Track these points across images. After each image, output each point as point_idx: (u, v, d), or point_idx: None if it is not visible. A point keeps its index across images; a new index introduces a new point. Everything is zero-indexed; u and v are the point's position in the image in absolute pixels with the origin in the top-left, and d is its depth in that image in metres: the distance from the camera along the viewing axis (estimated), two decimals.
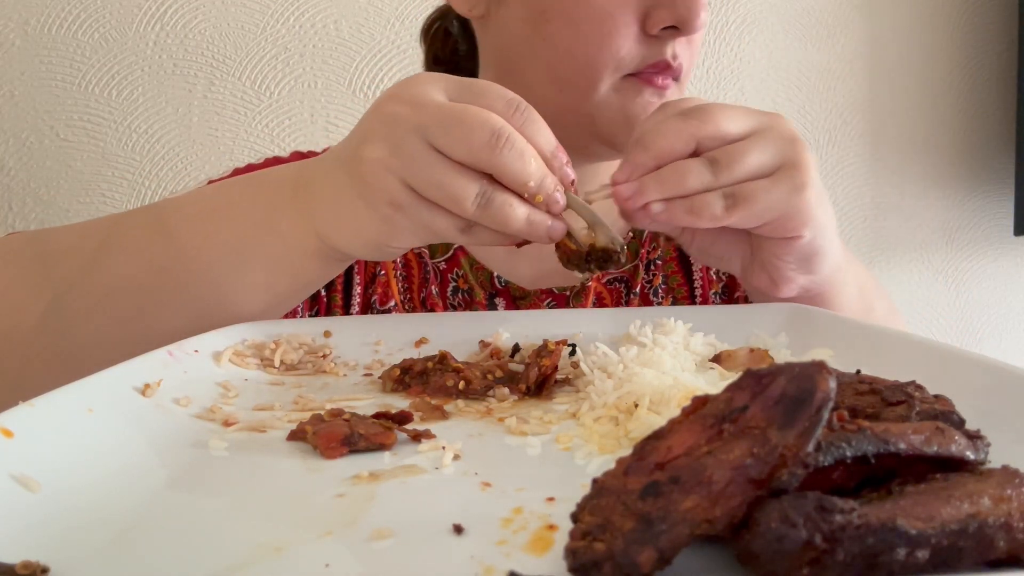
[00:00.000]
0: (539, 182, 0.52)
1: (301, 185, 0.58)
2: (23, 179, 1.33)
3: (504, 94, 0.53)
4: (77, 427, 0.39)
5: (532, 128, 0.52)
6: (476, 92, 0.53)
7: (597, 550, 0.25)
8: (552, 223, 0.53)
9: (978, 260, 1.67)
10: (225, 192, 0.62)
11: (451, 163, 0.51)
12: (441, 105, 0.52)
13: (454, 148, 0.50)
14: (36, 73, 1.32)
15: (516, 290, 0.84)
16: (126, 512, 0.33)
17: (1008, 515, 0.26)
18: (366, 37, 1.41)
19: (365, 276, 0.84)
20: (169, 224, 0.61)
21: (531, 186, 0.51)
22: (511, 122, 0.52)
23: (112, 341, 0.60)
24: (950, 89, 1.62)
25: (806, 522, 0.24)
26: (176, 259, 0.60)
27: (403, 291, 0.84)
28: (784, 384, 0.28)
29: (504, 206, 0.52)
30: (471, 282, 0.84)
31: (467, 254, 0.85)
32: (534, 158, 0.51)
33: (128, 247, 0.61)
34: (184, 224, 0.61)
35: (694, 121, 0.57)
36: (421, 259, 0.85)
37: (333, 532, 0.31)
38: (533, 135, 0.52)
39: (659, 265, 0.87)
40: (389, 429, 0.42)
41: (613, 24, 0.71)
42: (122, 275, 0.60)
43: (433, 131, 0.51)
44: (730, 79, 1.53)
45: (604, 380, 0.49)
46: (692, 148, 0.57)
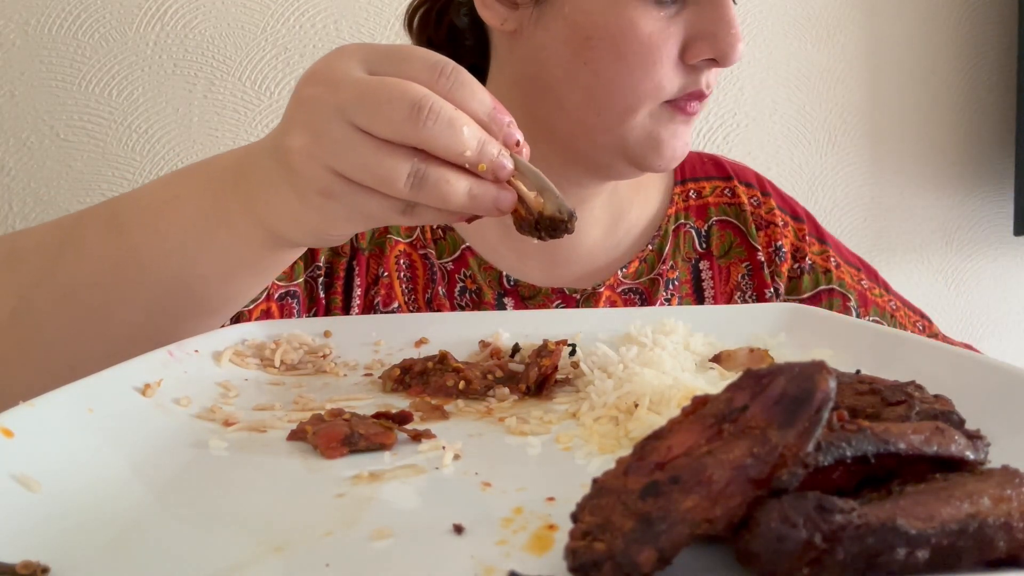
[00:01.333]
0: (478, 149, 0.47)
1: (241, 175, 0.56)
2: (23, 179, 1.33)
3: (428, 57, 0.48)
4: (77, 427, 0.39)
5: (462, 92, 0.48)
6: (396, 59, 0.49)
7: (597, 550, 0.25)
8: (498, 194, 0.49)
9: (978, 260, 1.67)
10: (174, 184, 0.60)
11: (377, 143, 0.47)
12: (358, 81, 0.48)
13: (376, 126, 0.47)
14: (36, 73, 1.32)
15: (525, 289, 0.83)
16: (126, 512, 0.33)
17: (1008, 515, 0.26)
18: (366, 37, 1.41)
19: (367, 279, 0.84)
20: (122, 219, 0.60)
21: (468, 155, 0.47)
22: (436, 88, 0.47)
23: (79, 337, 0.59)
24: (950, 89, 1.62)
25: (806, 522, 0.24)
26: (130, 255, 0.58)
27: (407, 292, 0.84)
28: (784, 384, 0.28)
29: (440, 182, 0.47)
30: (479, 282, 0.83)
31: (475, 254, 0.84)
32: (467, 124, 0.47)
33: (85, 244, 0.60)
34: (136, 218, 0.59)
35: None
36: (426, 260, 0.84)
37: (333, 532, 0.31)
38: (464, 99, 0.48)
39: (676, 286, 0.87)
40: (389, 429, 0.42)
41: (658, 55, 0.72)
42: (82, 272, 0.59)
43: (353, 111, 0.47)
44: (730, 79, 1.53)
45: (604, 380, 0.49)
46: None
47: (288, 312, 0.81)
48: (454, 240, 0.85)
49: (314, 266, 0.83)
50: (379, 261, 0.84)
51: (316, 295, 0.83)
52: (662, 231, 0.88)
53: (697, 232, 0.90)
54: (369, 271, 0.84)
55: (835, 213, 1.61)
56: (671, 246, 0.88)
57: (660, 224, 0.89)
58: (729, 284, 0.89)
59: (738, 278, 0.89)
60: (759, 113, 1.55)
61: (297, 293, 0.82)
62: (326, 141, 0.48)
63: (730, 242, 0.90)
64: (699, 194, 0.92)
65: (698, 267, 0.89)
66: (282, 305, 0.81)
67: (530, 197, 0.51)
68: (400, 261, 0.84)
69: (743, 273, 0.89)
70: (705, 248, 0.89)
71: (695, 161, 0.94)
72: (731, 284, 0.89)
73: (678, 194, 0.91)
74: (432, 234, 0.86)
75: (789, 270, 0.90)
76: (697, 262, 0.89)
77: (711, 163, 0.95)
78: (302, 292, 0.83)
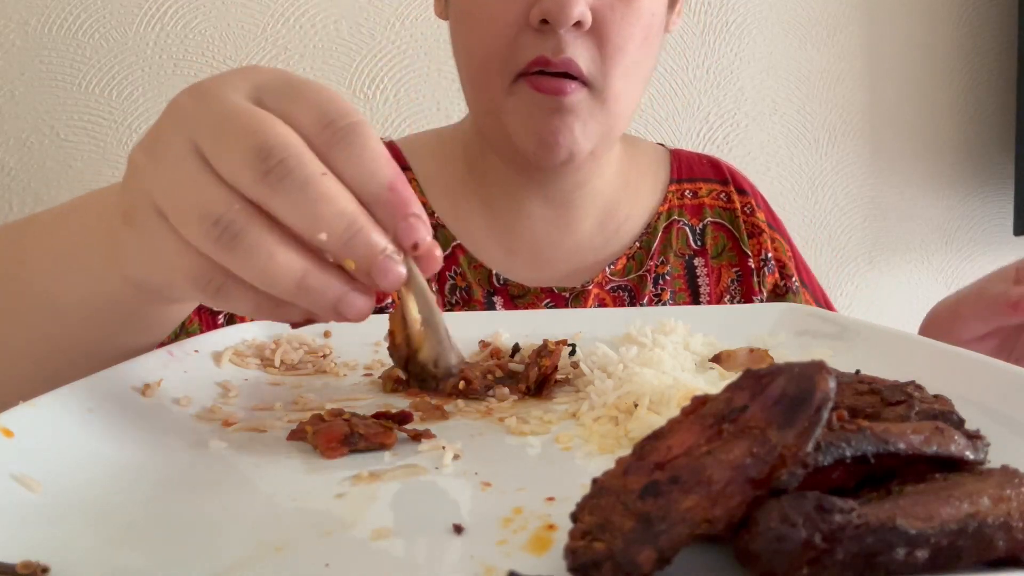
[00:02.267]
0: (343, 236, 0.35)
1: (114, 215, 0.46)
2: (23, 179, 1.33)
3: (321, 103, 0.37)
4: (77, 427, 0.39)
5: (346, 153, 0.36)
6: (287, 95, 0.38)
7: (597, 550, 0.25)
8: (347, 295, 0.37)
9: (978, 260, 1.67)
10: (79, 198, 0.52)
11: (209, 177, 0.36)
12: (227, 106, 0.37)
13: (217, 161, 0.36)
14: (36, 73, 1.32)
15: (515, 288, 0.84)
16: (126, 512, 0.33)
17: (1007, 515, 0.26)
18: (366, 37, 1.41)
19: None
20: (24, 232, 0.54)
21: (323, 239, 0.35)
22: (314, 141, 0.36)
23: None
24: (950, 89, 1.62)
25: (806, 522, 0.24)
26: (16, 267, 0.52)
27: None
28: (784, 384, 0.28)
29: (257, 249, 0.35)
30: (469, 280, 0.84)
31: (465, 251, 0.85)
32: (333, 198, 0.35)
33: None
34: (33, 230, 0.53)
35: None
36: None
37: (333, 532, 0.31)
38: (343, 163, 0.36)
39: (667, 280, 0.87)
40: (389, 429, 0.42)
41: (496, 14, 0.71)
42: None
43: (201, 133, 0.37)
44: (730, 79, 1.53)
45: (604, 380, 0.49)
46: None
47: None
48: (445, 236, 0.85)
49: None
50: None
51: None
52: (651, 228, 0.88)
53: (692, 229, 0.89)
54: None
55: (835, 213, 1.61)
56: (660, 242, 0.88)
57: (650, 221, 0.89)
58: (720, 286, 0.89)
59: (728, 282, 0.89)
60: (759, 113, 1.55)
61: None
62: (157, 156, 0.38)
63: (723, 245, 0.90)
64: (695, 194, 0.91)
65: (692, 263, 0.89)
66: None
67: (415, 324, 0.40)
68: None
69: (733, 278, 0.89)
70: (700, 245, 0.89)
71: (693, 161, 0.94)
72: (721, 286, 0.89)
73: (673, 192, 0.91)
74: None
75: (775, 284, 0.90)
76: (691, 258, 0.89)
77: (709, 165, 0.94)
78: None
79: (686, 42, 1.52)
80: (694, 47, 1.52)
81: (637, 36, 0.73)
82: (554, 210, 0.85)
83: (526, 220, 0.85)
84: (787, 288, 0.90)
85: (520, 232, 0.85)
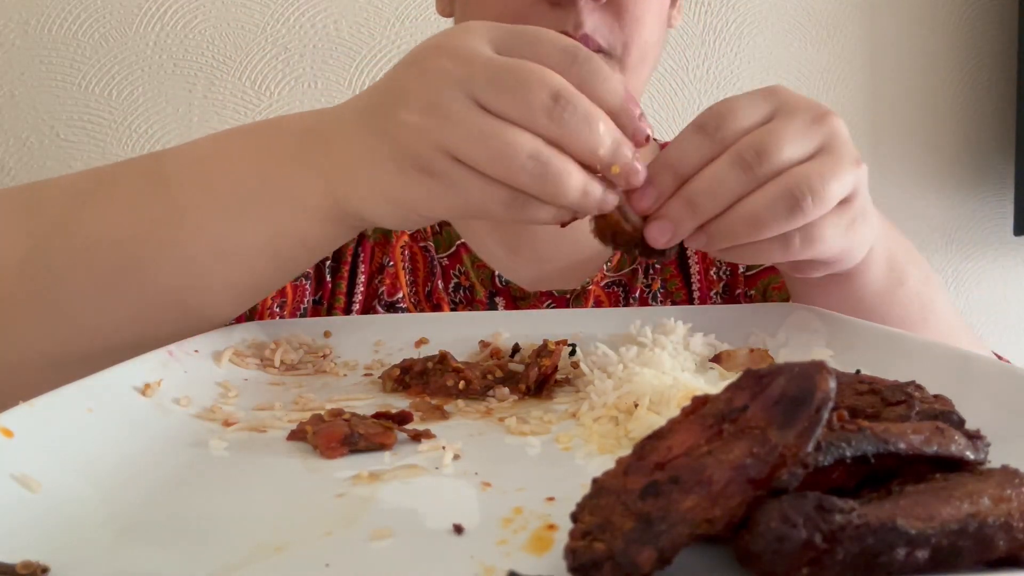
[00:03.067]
0: (612, 149, 0.45)
1: (315, 139, 0.52)
2: (23, 179, 1.33)
3: (559, 41, 0.46)
4: (77, 427, 0.39)
5: (595, 80, 0.45)
6: (527, 41, 0.46)
7: (597, 550, 0.25)
8: (606, 194, 0.46)
9: (978, 260, 1.67)
10: (227, 140, 0.56)
11: (500, 120, 0.44)
12: (490, 59, 0.45)
13: (508, 109, 0.44)
14: (36, 73, 1.32)
15: (516, 290, 0.84)
16: (126, 512, 0.33)
17: (1008, 515, 0.26)
18: (366, 37, 1.41)
19: (371, 266, 0.84)
20: (165, 172, 0.55)
21: (602, 154, 0.45)
22: (569, 76, 0.45)
23: (101, 297, 0.55)
24: (950, 89, 1.62)
25: (806, 522, 0.24)
26: (168, 212, 0.53)
27: (409, 284, 0.84)
28: (784, 384, 0.28)
29: (563, 173, 0.44)
30: (472, 279, 0.84)
31: (469, 251, 0.85)
32: (603, 121, 0.44)
33: (117, 196, 0.55)
34: (180, 173, 0.55)
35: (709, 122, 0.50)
36: (427, 253, 0.85)
37: (333, 532, 0.31)
38: (597, 89, 0.45)
39: (658, 269, 0.87)
40: (389, 429, 0.42)
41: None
42: (110, 225, 0.54)
43: (482, 89, 0.44)
44: (730, 79, 1.53)
45: (604, 380, 0.49)
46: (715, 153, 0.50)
47: (300, 292, 0.81)
48: (450, 235, 0.85)
49: None
50: (384, 250, 0.84)
51: (324, 278, 0.83)
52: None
53: None
54: (374, 259, 0.84)
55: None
56: None
57: None
58: (707, 259, 0.86)
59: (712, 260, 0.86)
60: None
61: (309, 273, 0.82)
62: (445, 115, 0.45)
63: None
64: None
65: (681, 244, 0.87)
66: (296, 285, 0.81)
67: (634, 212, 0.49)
68: (404, 252, 0.85)
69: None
70: None
71: None
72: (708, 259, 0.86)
73: None
74: (431, 227, 0.86)
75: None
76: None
77: None
78: (313, 273, 0.83)
79: (686, 42, 1.52)
80: (694, 47, 1.52)
81: (653, 7, 0.72)
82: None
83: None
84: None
85: (520, 229, 0.85)
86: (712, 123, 0.50)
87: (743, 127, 0.50)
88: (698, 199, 0.49)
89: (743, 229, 0.50)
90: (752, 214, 0.49)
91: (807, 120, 0.50)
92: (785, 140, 0.49)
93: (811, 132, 0.50)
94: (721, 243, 0.51)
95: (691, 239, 0.51)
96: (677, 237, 0.50)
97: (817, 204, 0.49)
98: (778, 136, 0.49)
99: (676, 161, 0.50)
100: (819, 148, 0.50)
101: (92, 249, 0.54)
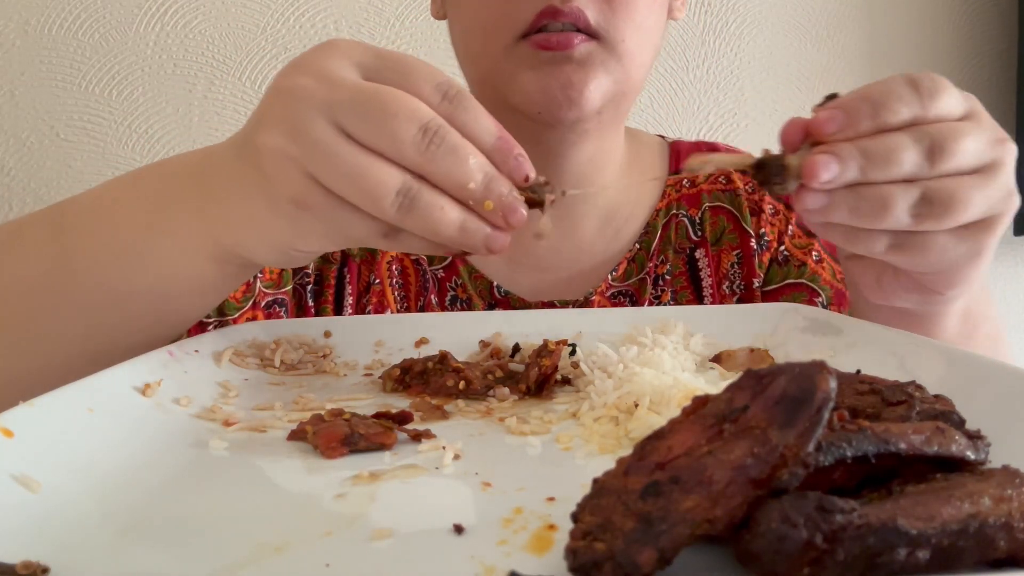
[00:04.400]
0: (484, 184, 0.44)
1: (198, 179, 0.51)
2: (23, 179, 1.33)
3: (432, 75, 0.45)
4: (77, 427, 0.39)
5: (466, 116, 0.44)
6: (399, 71, 0.45)
7: (597, 550, 0.25)
8: (492, 233, 0.45)
9: None
10: (120, 186, 0.56)
11: (365, 152, 0.43)
12: (356, 85, 0.43)
13: (372, 138, 0.43)
14: (36, 73, 1.32)
15: (516, 301, 0.82)
16: (126, 512, 0.33)
17: (1008, 515, 0.26)
18: (366, 37, 1.41)
19: (359, 286, 0.82)
20: (65, 221, 0.55)
21: (472, 188, 0.43)
22: (439, 110, 0.44)
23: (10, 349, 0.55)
24: None
25: (806, 522, 0.24)
26: (64, 260, 0.54)
27: (400, 300, 0.82)
28: (784, 384, 0.28)
29: (433, 208, 0.43)
30: (470, 291, 0.82)
31: (466, 263, 0.83)
32: (473, 155, 0.44)
33: (23, 245, 0.56)
34: (75, 221, 0.55)
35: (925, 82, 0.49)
36: (419, 266, 0.83)
37: (333, 532, 0.31)
38: (468, 125, 0.44)
39: (668, 280, 0.84)
40: (389, 429, 0.42)
41: None
42: (14, 275, 0.55)
43: (345, 114, 0.43)
44: (730, 79, 1.53)
45: (604, 380, 0.49)
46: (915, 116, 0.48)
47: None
48: None
49: (303, 273, 0.80)
50: (371, 268, 0.82)
51: (305, 303, 0.80)
52: (651, 226, 0.85)
53: (691, 220, 0.86)
54: (360, 278, 0.82)
55: None
56: (660, 240, 0.85)
57: (649, 219, 0.86)
58: (719, 272, 0.85)
59: (728, 266, 0.85)
60: (759, 113, 1.55)
61: (285, 301, 0.80)
62: (306, 140, 0.43)
63: (722, 228, 0.86)
64: (692, 183, 0.88)
65: (694, 256, 0.85)
66: (269, 313, 0.79)
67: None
68: (392, 268, 0.82)
69: (733, 261, 0.85)
70: (699, 236, 0.86)
71: (692, 149, 0.91)
72: (721, 272, 0.85)
73: (671, 186, 0.88)
74: None
75: (771, 259, 0.86)
76: (692, 251, 0.85)
77: (708, 150, 0.90)
78: (290, 300, 0.80)
79: (686, 42, 1.52)
80: (694, 47, 1.52)
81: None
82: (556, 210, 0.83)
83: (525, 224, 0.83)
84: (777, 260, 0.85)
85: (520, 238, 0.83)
86: (927, 85, 0.48)
87: (947, 111, 0.48)
88: (874, 156, 0.46)
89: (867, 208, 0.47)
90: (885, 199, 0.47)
91: (991, 138, 0.50)
92: (969, 145, 0.48)
93: (989, 149, 0.49)
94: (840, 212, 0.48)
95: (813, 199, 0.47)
96: (838, 180, 0.46)
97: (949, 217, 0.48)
98: (965, 137, 0.48)
99: (879, 100, 0.47)
100: (986, 166, 0.49)
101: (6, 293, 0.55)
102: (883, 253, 0.50)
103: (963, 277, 0.53)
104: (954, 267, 0.52)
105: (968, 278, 0.53)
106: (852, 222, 0.48)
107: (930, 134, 0.47)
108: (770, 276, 0.85)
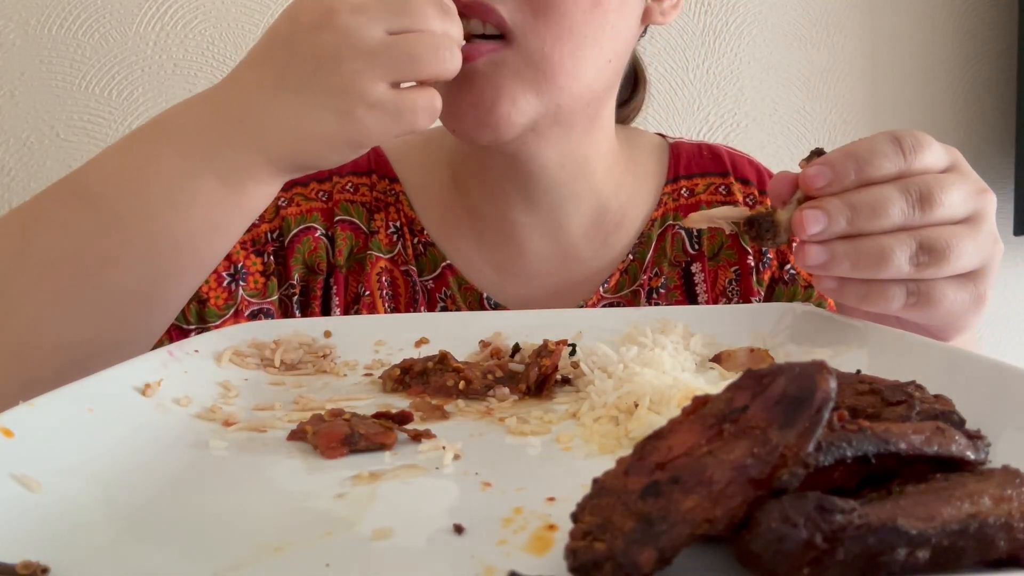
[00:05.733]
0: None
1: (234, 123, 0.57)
2: (23, 179, 1.33)
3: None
4: (77, 427, 0.39)
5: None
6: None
7: (597, 550, 0.25)
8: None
9: None
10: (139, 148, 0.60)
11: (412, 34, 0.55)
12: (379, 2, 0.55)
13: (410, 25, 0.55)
14: (36, 73, 1.32)
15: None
16: (126, 512, 0.33)
17: (1008, 515, 0.26)
18: None
19: (346, 297, 0.80)
20: (93, 191, 0.59)
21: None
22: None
23: (67, 308, 0.58)
24: (950, 89, 1.62)
25: (807, 522, 0.24)
26: (112, 222, 0.57)
27: (389, 311, 0.80)
28: (784, 384, 0.28)
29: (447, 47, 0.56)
30: (460, 302, 0.80)
31: (455, 272, 0.81)
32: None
33: (54, 221, 0.59)
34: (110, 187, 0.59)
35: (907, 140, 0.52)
36: (408, 277, 0.81)
37: (333, 532, 0.31)
38: None
39: (662, 294, 0.82)
40: (389, 429, 0.42)
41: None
42: (58, 247, 0.58)
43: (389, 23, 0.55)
44: (730, 79, 1.53)
45: (604, 380, 0.49)
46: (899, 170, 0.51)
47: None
48: (434, 257, 0.81)
49: (288, 284, 0.79)
50: (359, 279, 0.80)
51: (291, 314, 0.79)
52: (645, 237, 0.82)
53: (687, 232, 0.83)
54: (348, 289, 0.80)
55: None
56: (654, 252, 0.82)
57: (643, 229, 0.83)
58: (716, 288, 0.83)
59: (725, 283, 0.83)
60: (759, 113, 1.55)
61: (271, 311, 0.79)
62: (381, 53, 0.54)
63: (720, 243, 0.83)
64: (691, 192, 0.85)
65: (690, 270, 0.83)
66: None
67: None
68: (382, 279, 0.80)
69: (731, 278, 0.83)
70: (696, 249, 0.83)
71: (693, 154, 0.87)
72: (718, 288, 0.83)
73: (668, 194, 0.84)
74: (413, 250, 0.81)
75: (770, 278, 0.83)
76: (688, 264, 0.83)
77: (710, 157, 0.87)
78: (276, 311, 0.79)
79: (686, 42, 1.52)
80: (694, 47, 1.52)
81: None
82: (538, 215, 0.79)
83: (511, 228, 0.80)
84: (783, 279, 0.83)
85: (506, 244, 0.81)
86: (910, 142, 0.51)
87: (931, 164, 0.52)
88: (861, 208, 0.50)
89: (867, 259, 0.50)
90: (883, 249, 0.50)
91: (974, 189, 0.53)
92: (954, 195, 0.51)
93: (972, 199, 0.52)
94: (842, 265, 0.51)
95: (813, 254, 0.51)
96: (827, 232, 0.50)
97: (948, 264, 0.51)
98: (950, 188, 0.51)
99: (863, 156, 0.51)
100: (972, 215, 0.52)
101: (47, 272, 0.58)
102: (899, 311, 0.52)
103: (967, 323, 0.56)
104: (960, 315, 0.54)
105: (970, 324, 0.56)
106: (855, 274, 0.51)
107: (917, 184, 0.50)
108: (776, 295, 0.83)
